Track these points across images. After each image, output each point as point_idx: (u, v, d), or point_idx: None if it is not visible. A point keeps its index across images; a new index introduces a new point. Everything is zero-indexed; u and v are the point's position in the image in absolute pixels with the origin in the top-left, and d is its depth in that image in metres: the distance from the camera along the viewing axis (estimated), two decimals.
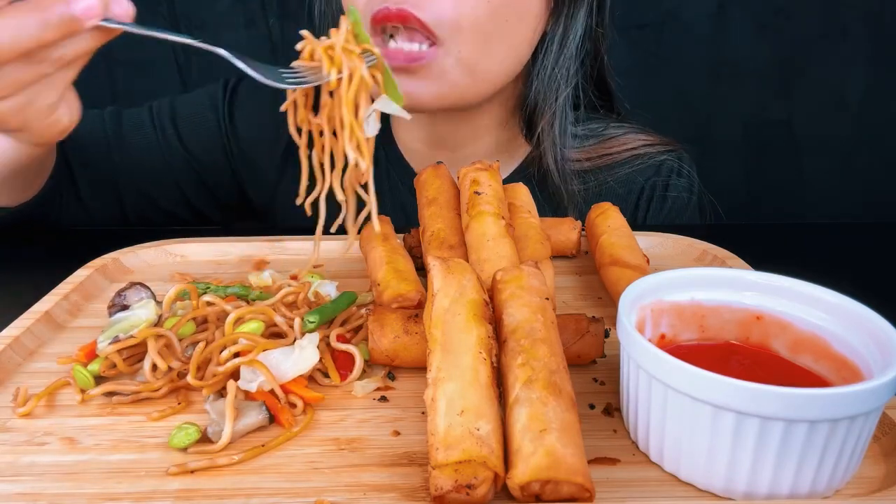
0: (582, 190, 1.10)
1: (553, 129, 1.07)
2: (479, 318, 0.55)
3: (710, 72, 1.78)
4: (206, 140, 1.19)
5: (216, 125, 1.19)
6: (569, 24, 1.03)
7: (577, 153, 1.12)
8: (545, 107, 1.05)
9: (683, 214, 1.15)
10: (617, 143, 1.15)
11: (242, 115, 1.20)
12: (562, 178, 1.08)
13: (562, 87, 1.05)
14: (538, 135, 1.07)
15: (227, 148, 1.20)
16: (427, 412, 0.50)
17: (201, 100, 1.20)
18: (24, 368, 0.65)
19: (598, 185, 1.12)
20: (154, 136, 1.16)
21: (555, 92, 1.05)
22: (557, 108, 1.06)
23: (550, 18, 1.03)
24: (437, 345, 0.53)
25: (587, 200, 1.10)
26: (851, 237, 1.08)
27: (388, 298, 0.69)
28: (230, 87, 1.21)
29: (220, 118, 1.19)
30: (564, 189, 1.09)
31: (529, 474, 0.45)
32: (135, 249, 0.89)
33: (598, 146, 1.14)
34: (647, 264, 0.78)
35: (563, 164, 1.08)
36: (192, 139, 1.18)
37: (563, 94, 1.05)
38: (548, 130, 1.07)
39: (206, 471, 0.51)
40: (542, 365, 0.51)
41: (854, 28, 1.73)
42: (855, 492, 0.49)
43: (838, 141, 1.82)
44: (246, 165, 1.21)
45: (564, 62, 1.04)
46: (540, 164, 1.10)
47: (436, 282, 0.58)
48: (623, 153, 1.14)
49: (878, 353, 0.50)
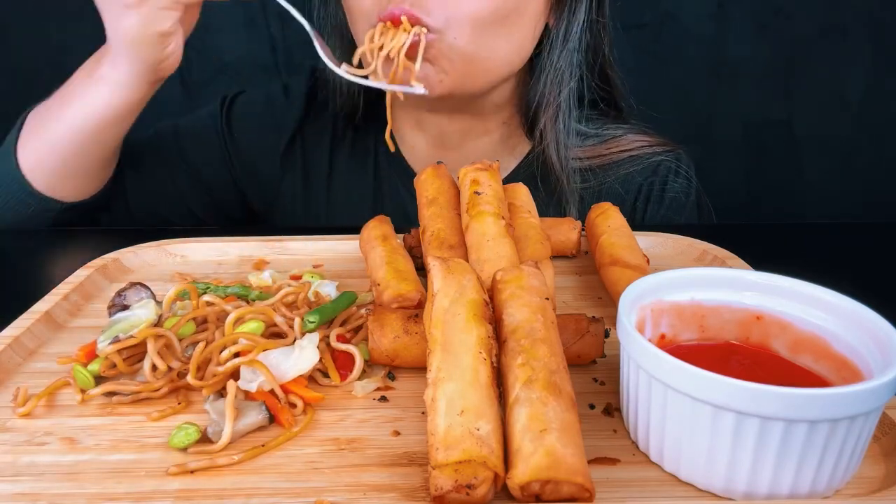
0: (582, 188, 1.11)
1: (557, 123, 1.07)
2: (479, 318, 0.55)
3: (710, 72, 1.79)
4: (209, 155, 1.22)
5: (217, 140, 1.22)
6: (571, 18, 1.04)
7: (579, 151, 1.12)
8: (549, 101, 1.06)
9: (681, 215, 1.16)
10: (616, 143, 1.15)
11: (240, 127, 1.23)
12: (564, 173, 1.09)
13: (565, 81, 1.06)
14: (541, 130, 1.08)
15: (228, 160, 1.22)
16: (427, 412, 0.50)
17: (202, 120, 1.24)
18: (24, 368, 0.65)
19: (597, 185, 1.13)
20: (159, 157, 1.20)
21: (558, 85, 1.06)
22: (562, 101, 1.06)
23: (552, 13, 1.04)
24: (437, 345, 0.53)
25: (586, 200, 1.11)
26: (851, 237, 1.08)
27: (388, 298, 0.69)
28: (227, 102, 1.24)
29: (220, 133, 1.22)
30: (566, 185, 1.09)
31: (529, 474, 0.45)
32: (135, 249, 0.89)
33: (598, 146, 1.15)
34: (647, 264, 0.78)
35: (566, 161, 1.09)
36: (196, 157, 1.21)
37: (567, 87, 1.06)
38: (551, 125, 1.07)
39: (206, 471, 0.51)
40: (542, 365, 0.51)
41: (854, 28, 1.73)
42: (855, 492, 0.49)
43: (838, 141, 1.82)
44: (247, 174, 1.23)
45: (567, 55, 1.05)
46: (542, 161, 1.10)
47: (436, 282, 0.58)
48: (622, 154, 1.15)
49: (878, 353, 0.50)
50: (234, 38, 1.78)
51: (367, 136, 1.21)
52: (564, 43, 1.04)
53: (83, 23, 1.64)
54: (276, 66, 1.81)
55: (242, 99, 1.25)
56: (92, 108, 0.97)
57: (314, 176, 1.21)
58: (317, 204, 1.21)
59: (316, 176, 1.21)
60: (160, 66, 0.93)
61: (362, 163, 1.21)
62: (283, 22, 1.76)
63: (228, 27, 1.77)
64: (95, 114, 0.97)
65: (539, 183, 1.11)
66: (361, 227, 0.85)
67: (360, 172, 1.20)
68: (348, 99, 1.16)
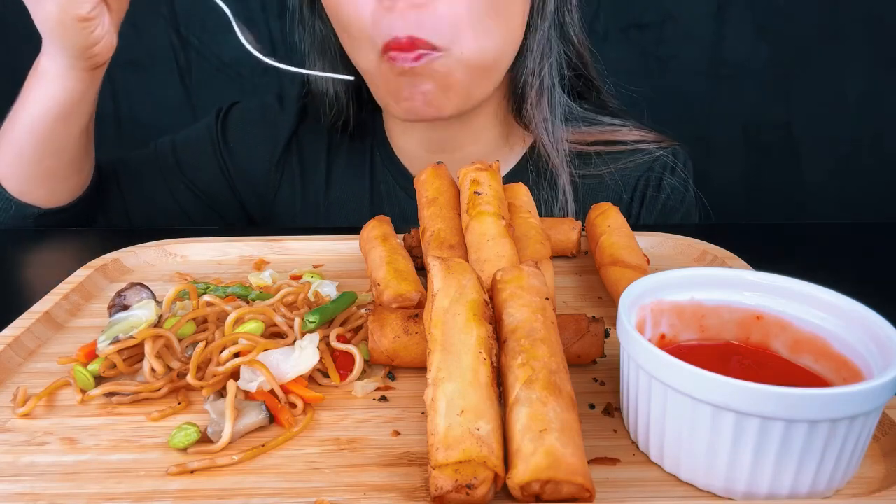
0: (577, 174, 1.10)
1: (542, 103, 1.07)
2: (480, 318, 0.55)
3: (710, 72, 1.79)
4: (207, 167, 1.23)
5: (214, 152, 1.23)
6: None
7: (572, 135, 1.12)
8: (532, 81, 1.06)
9: (677, 211, 1.15)
10: (611, 134, 1.15)
11: (236, 137, 1.24)
12: (556, 151, 1.08)
13: (546, 55, 1.05)
14: (528, 113, 1.07)
15: (226, 171, 1.23)
16: (427, 412, 0.50)
17: (199, 132, 1.25)
18: (24, 368, 0.65)
19: (593, 178, 1.12)
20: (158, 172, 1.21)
21: (540, 62, 1.05)
22: (545, 77, 1.06)
23: None
24: (437, 345, 0.53)
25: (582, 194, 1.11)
26: (851, 237, 1.08)
27: (388, 298, 0.69)
28: (222, 114, 1.25)
29: (216, 144, 1.23)
30: (561, 167, 1.08)
31: (529, 474, 0.45)
32: (135, 249, 0.89)
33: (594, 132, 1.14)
34: (647, 264, 0.78)
35: (557, 143, 1.08)
36: (195, 169, 1.22)
37: (549, 62, 1.06)
38: (536, 104, 1.07)
39: (206, 471, 0.51)
40: (542, 365, 0.51)
41: (853, 29, 1.73)
42: (855, 492, 0.49)
43: (838, 141, 1.82)
44: (244, 183, 1.24)
45: (544, 33, 1.05)
46: (538, 154, 1.10)
47: (436, 282, 0.58)
48: (618, 146, 1.14)
49: (878, 353, 0.50)
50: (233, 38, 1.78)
51: (362, 140, 1.21)
52: (542, 20, 1.04)
53: None
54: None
55: (237, 109, 1.26)
56: (38, 105, 0.97)
57: (311, 182, 1.22)
58: (315, 209, 1.21)
59: (313, 182, 1.21)
60: (89, 51, 0.91)
61: (359, 167, 1.21)
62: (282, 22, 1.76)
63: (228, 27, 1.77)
64: (42, 109, 0.97)
65: (536, 178, 1.11)
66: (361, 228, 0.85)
67: (356, 177, 1.21)
68: (338, 113, 1.17)
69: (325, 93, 1.15)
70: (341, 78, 1.07)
